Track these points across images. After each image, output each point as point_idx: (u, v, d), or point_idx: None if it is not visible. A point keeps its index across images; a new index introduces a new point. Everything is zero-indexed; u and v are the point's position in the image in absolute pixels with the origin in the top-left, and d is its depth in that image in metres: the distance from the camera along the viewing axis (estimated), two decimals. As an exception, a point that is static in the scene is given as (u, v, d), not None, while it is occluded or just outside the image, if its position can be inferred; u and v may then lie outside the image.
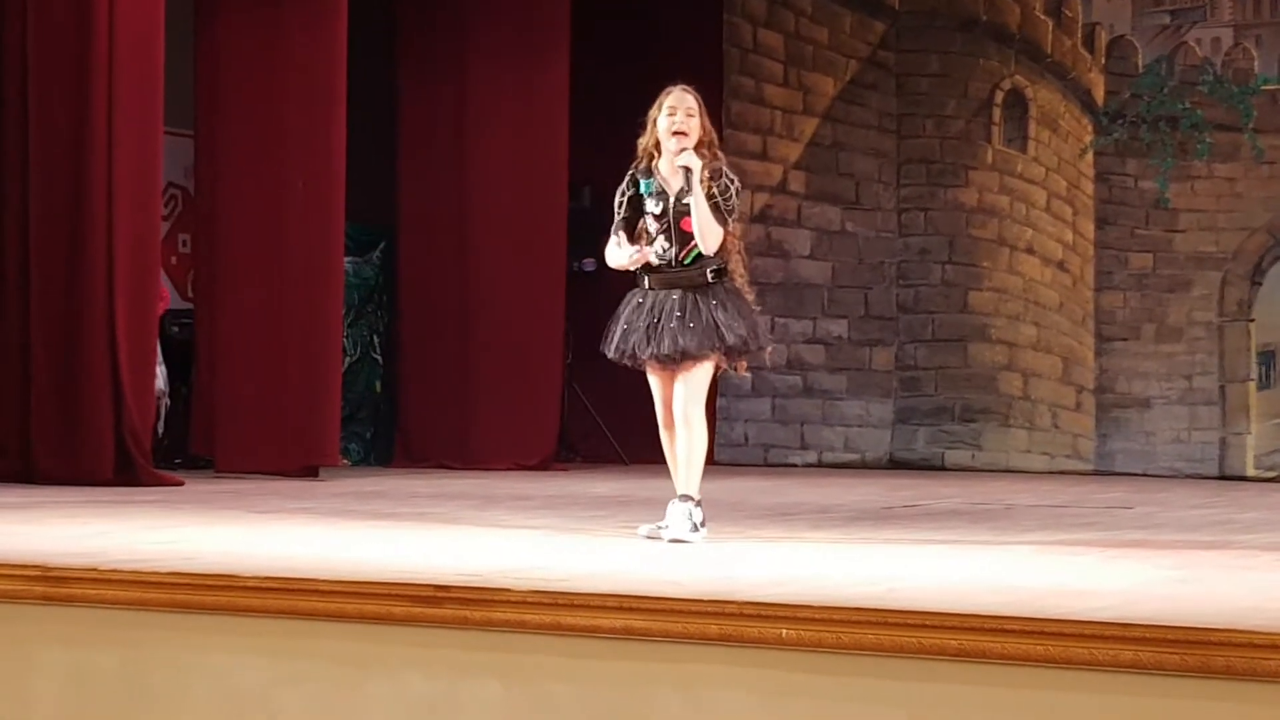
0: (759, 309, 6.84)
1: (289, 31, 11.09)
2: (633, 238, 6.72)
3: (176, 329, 11.71)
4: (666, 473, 6.78)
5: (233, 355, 11.02)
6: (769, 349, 6.83)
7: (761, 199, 13.88)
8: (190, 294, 12.10)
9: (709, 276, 6.61)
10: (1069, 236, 13.31)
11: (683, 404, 6.60)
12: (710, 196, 6.57)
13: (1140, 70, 13.12)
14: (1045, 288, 13.35)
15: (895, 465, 13.45)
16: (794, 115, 13.90)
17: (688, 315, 6.56)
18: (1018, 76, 13.46)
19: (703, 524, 6.60)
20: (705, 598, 4.56)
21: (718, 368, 6.72)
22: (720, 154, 6.74)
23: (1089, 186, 13.27)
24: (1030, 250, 13.38)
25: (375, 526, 7.22)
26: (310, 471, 10.86)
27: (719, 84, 13.90)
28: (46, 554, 5.52)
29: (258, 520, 7.44)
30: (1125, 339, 13.11)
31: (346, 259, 11.85)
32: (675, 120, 6.62)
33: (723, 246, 6.66)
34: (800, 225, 13.83)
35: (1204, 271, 12.91)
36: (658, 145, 6.70)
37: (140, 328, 10.04)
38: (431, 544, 6.44)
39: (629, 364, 6.75)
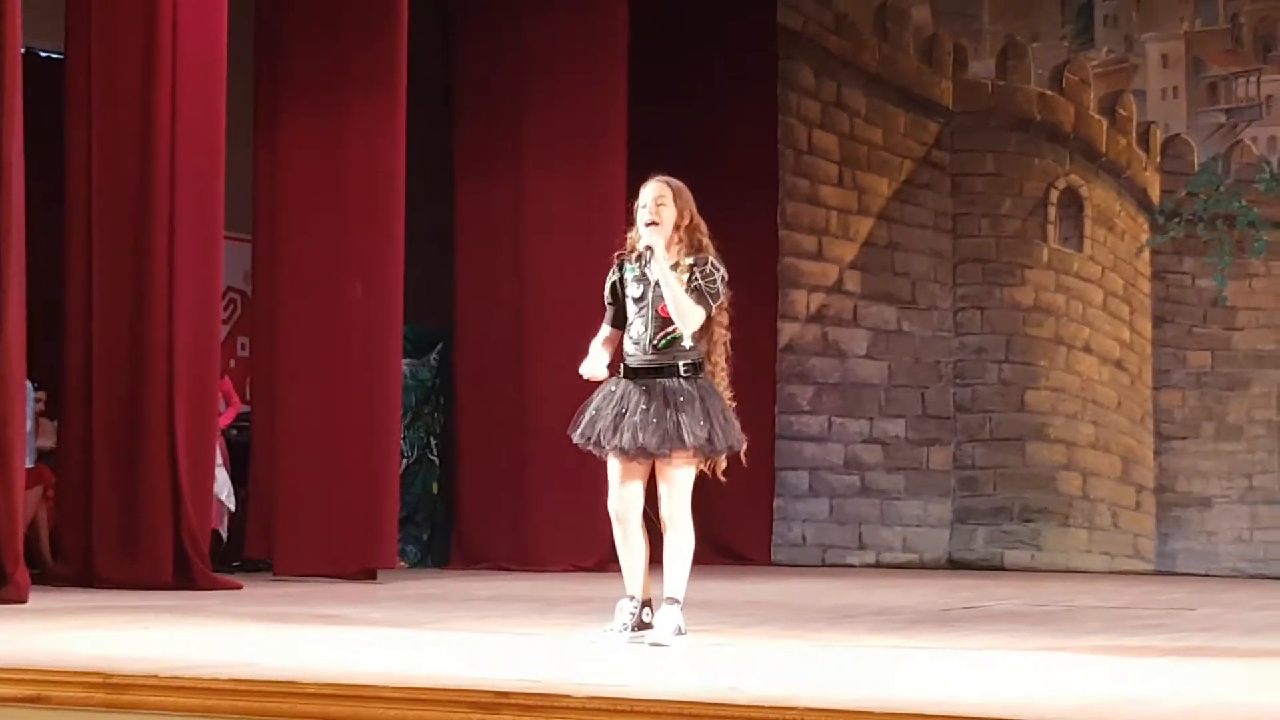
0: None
1: (348, 136, 11.21)
2: (624, 326, 6.74)
3: (235, 432, 11.78)
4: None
5: (291, 457, 11.06)
6: (742, 449, 6.65)
7: (817, 299, 13.91)
8: (249, 397, 12.17)
9: (682, 370, 6.60)
10: (1126, 335, 13.28)
11: (668, 508, 6.56)
12: (692, 281, 6.58)
13: (1196, 168, 13.12)
14: (1103, 386, 13.30)
15: (954, 565, 13.37)
16: (849, 215, 13.94)
17: (652, 410, 6.52)
18: (1073, 175, 13.48)
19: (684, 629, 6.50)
20: (766, 704, 4.53)
21: (700, 469, 6.64)
22: (706, 242, 6.69)
23: (1146, 285, 13.25)
24: (1088, 349, 13.35)
25: (435, 630, 7.21)
26: (368, 574, 10.87)
27: (774, 185, 14.00)
28: (107, 660, 5.53)
29: (317, 625, 7.44)
30: (1184, 437, 13.03)
31: (404, 361, 11.91)
32: (646, 212, 6.67)
33: (707, 339, 6.65)
34: (856, 325, 13.84)
35: (1263, 369, 12.84)
36: None
37: (200, 432, 10.10)
38: (492, 649, 6.43)
39: (594, 451, 6.73)
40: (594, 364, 6.77)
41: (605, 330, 6.83)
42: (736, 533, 13.44)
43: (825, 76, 14.06)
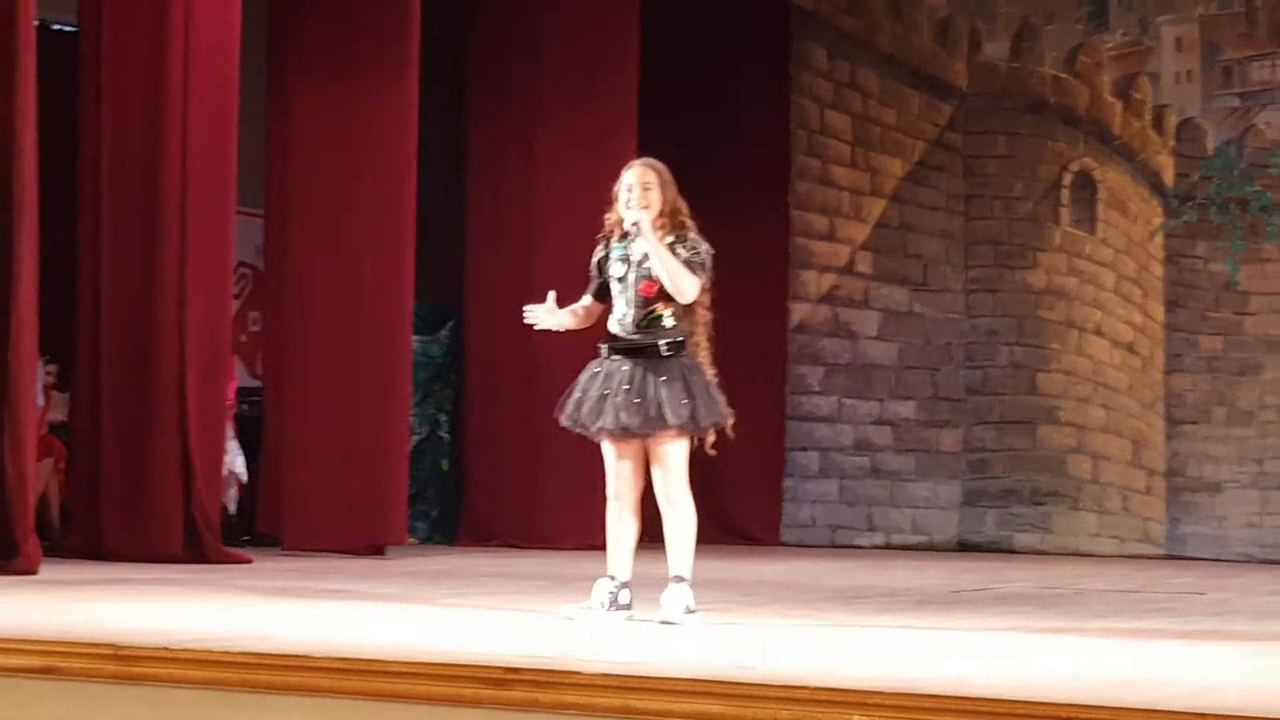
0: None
1: (361, 112, 11.20)
2: (605, 301, 6.75)
3: (245, 407, 11.78)
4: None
5: (301, 433, 11.07)
6: (728, 424, 6.64)
7: (829, 280, 13.89)
8: (260, 372, 12.18)
9: (663, 349, 6.58)
10: (1138, 319, 13.25)
11: (664, 486, 6.54)
12: (676, 256, 6.56)
13: (1210, 152, 13.09)
14: (1114, 370, 13.28)
15: (963, 548, 13.37)
16: (861, 196, 13.92)
17: (634, 390, 6.50)
18: (1086, 158, 13.45)
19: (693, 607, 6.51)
20: (776, 683, 4.54)
21: (691, 443, 6.62)
22: (689, 222, 6.69)
23: (1158, 268, 13.22)
24: (1099, 332, 13.33)
25: (444, 607, 7.22)
26: (377, 550, 10.87)
27: (786, 165, 13.97)
28: (117, 632, 5.54)
29: (327, 599, 7.45)
30: (1195, 422, 13.02)
31: (414, 337, 11.91)
32: (631, 198, 6.65)
33: (689, 318, 6.63)
34: (868, 306, 13.83)
35: (1275, 354, 12.82)
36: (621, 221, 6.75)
37: (210, 406, 10.11)
38: (501, 625, 6.43)
39: (581, 433, 6.72)
40: (545, 312, 6.74)
41: (584, 299, 6.84)
42: (746, 513, 13.44)
43: (838, 57, 14.03)
